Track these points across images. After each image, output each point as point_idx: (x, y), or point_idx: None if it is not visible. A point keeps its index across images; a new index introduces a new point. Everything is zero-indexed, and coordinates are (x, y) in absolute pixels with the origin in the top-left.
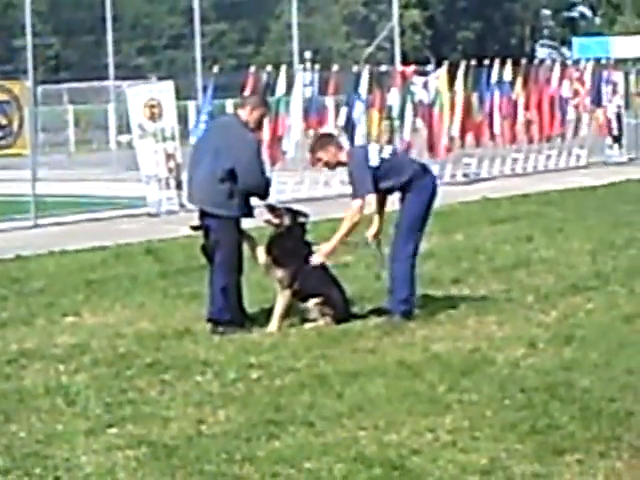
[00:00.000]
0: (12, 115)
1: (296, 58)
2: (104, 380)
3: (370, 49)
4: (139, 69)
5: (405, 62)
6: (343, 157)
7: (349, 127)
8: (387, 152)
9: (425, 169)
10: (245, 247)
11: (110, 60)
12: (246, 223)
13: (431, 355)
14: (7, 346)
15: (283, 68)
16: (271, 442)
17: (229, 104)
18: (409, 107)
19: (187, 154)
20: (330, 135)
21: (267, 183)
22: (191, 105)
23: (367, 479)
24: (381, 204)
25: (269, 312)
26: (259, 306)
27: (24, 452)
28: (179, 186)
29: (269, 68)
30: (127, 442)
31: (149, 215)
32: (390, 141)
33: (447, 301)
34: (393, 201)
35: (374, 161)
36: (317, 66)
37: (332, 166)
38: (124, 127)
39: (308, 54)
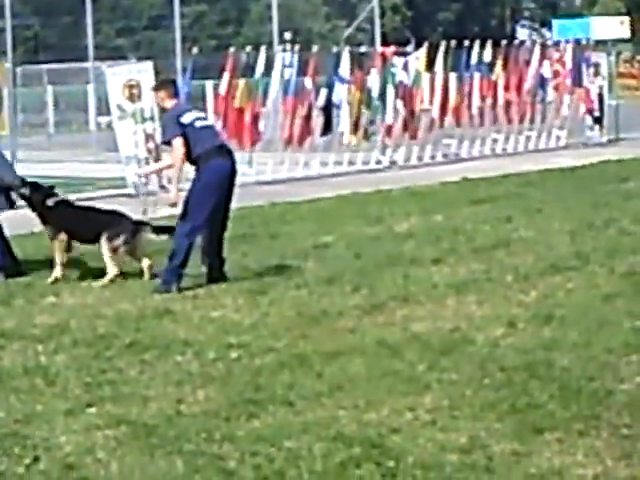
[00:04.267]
0: None
1: (276, 39)
2: (83, 360)
3: (350, 30)
4: (119, 50)
5: (385, 43)
6: (168, 105)
7: (329, 108)
8: (200, 122)
9: (222, 151)
10: None
11: (90, 41)
12: None
13: (411, 335)
14: None
15: (263, 49)
16: (251, 421)
17: (208, 85)
18: (390, 88)
19: None
20: (172, 82)
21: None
22: None
23: (347, 458)
24: None
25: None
26: None
27: (3, 432)
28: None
29: (248, 49)
30: (106, 422)
31: (129, 196)
32: (373, 122)
33: (427, 281)
34: None
35: (186, 119)
36: (297, 47)
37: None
38: (103, 108)
39: (288, 35)
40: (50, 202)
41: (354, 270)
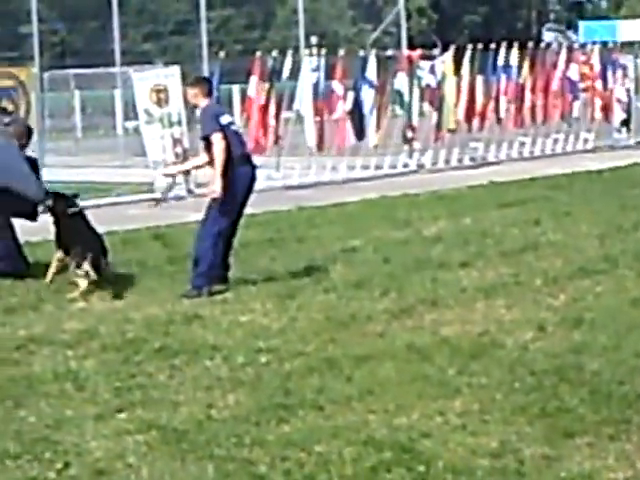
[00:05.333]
0: (19, 101)
1: (302, 43)
2: (113, 365)
3: (376, 33)
4: (145, 55)
5: (411, 46)
6: (201, 102)
7: (356, 112)
8: (233, 127)
9: (248, 159)
10: None
11: (117, 46)
12: None
13: (440, 339)
14: (15, 332)
15: (289, 53)
16: (281, 426)
17: (235, 89)
18: (416, 91)
19: (193, 139)
20: (208, 81)
21: None
22: None
23: (377, 462)
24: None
25: None
26: None
27: (34, 437)
28: (187, 171)
29: (275, 53)
30: (137, 427)
31: (156, 201)
32: (411, 126)
33: (456, 285)
34: None
35: (223, 120)
36: (323, 51)
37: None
38: (130, 113)
39: (314, 39)
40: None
41: (383, 274)
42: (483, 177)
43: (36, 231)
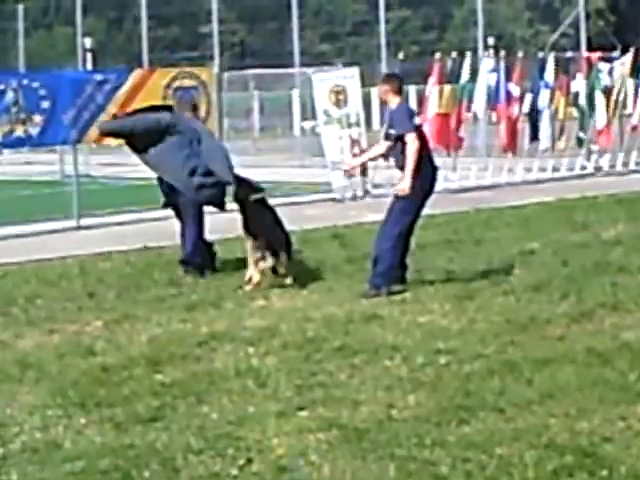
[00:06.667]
0: (200, 101)
1: (480, 44)
2: (294, 363)
3: (556, 35)
4: (322, 56)
5: (590, 48)
6: (391, 100)
7: (534, 114)
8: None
9: (432, 160)
10: None
11: (295, 47)
12: None
13: (621, 343)
14: (197, 328)
15: (468, 54)
16: (461, 427)
17: (412, 90)
18: (598, 94)
19: (371, 140)
20: (400, 79)
21: None
22: (374, 92)
23: (559, 466)
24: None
25: None
26: None
27: (216, 433)
28: (364, 172)
29: (454, 54)
30: (318, 425)
31: (334, 201)
32: (582, 128)
33: (636, 289)
34: None
35: (416, 121)
36: (502, 53)
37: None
38: (308, 113)
39: (491, 40)
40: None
41: (561, 277)
42: None
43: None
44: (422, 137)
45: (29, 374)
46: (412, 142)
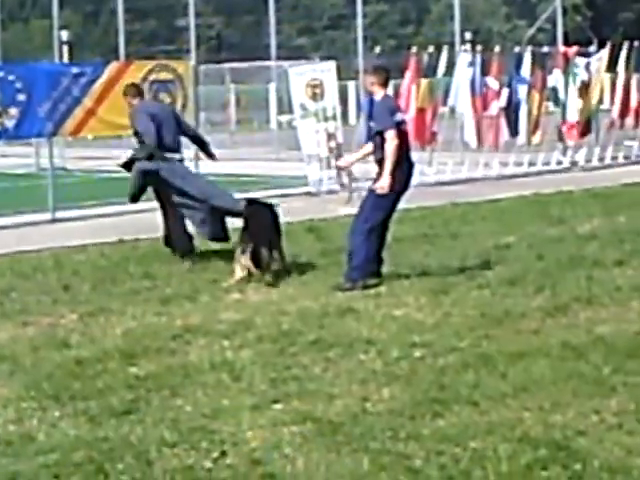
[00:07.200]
0: (176, 94)
1: (457, 39)
2: (268, 356)
3: (532, 30)
4: (299, 49)
5: (566, 43)
6: (376, 92)
7: (510, 109)
8: (403, 126)
9: (409, 157)
10: None
11: (272, 40)
12: None
13: (595, 337)
14: (172, 322)
15: (445, 49)
16: (435, 420)
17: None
18: (572, 88)
19: (347, 134)
20: (386, 71)
21: None
22: (351, 85)
23: (532, 459)
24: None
25: None
26: None
27: (190, 426)
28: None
29: (431, 49)
30: (292, 418)
31: (310, 194)
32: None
33: (610, 283)
34: None
35: (397, 118)
36: (479, 47)
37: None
38: (284, 107)
39: (468, 35)
40: None
41: (536, 271)
42: (638, 175)
43: None
44: (402, 133)
45: (3, 367)
46: (391, 139)
